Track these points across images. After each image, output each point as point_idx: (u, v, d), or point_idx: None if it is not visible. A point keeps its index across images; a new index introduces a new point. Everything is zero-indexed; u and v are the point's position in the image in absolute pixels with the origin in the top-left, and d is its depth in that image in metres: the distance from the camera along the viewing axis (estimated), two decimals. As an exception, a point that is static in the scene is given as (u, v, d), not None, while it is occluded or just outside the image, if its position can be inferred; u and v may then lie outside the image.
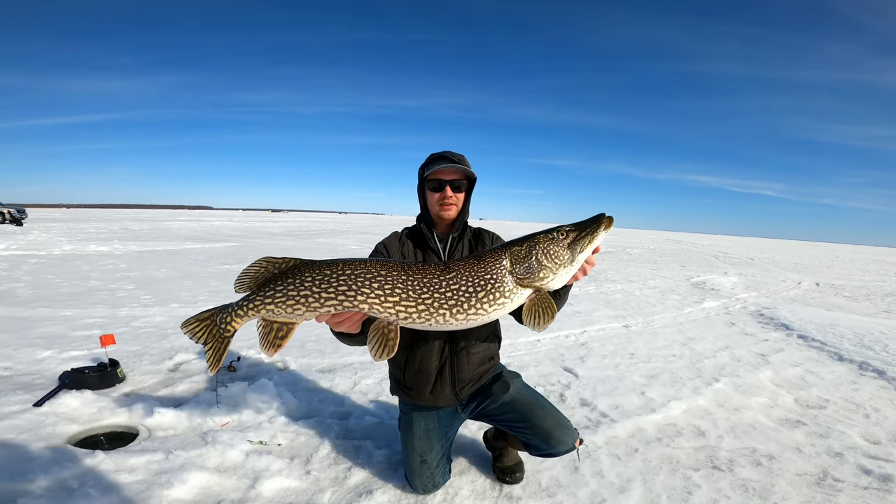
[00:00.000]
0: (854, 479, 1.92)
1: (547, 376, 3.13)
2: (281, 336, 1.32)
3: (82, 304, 4.90)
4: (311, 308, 1.28)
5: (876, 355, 3.68)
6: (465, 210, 1.74)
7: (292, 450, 2.02)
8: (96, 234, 14.69)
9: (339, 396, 2.68)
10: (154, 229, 18.44)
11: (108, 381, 2.58)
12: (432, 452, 1.71)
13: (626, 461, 2.01)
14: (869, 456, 2.10)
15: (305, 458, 1.95)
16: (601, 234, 1.31)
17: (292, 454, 1.98)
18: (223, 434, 2.05)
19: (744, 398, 2.76)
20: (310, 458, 1.96)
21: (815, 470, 1.98)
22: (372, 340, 1.30)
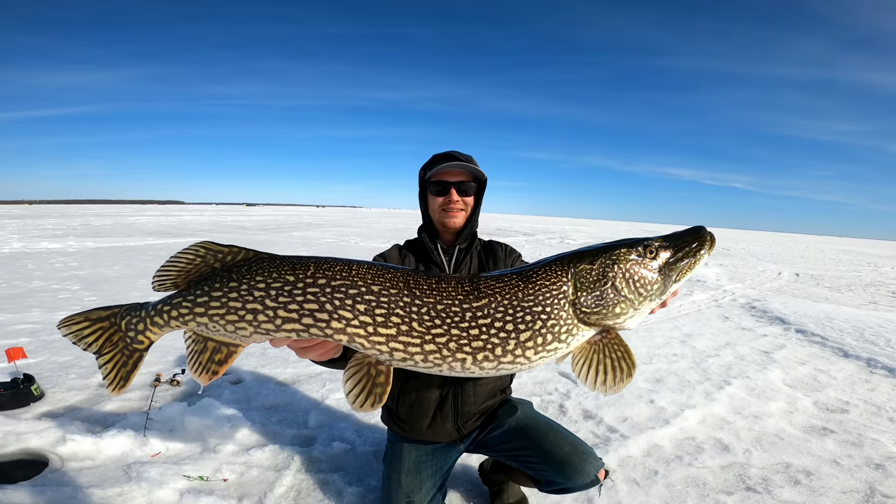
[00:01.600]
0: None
1: (543, 384, 2.79)
2: (218, 360, 0.89)
3: (16, 307, 4.32)
4: (261, 330, 0.86)
5: (881, 351, 3.55)
6: (474, 217, 1.44)
7: (241, 487, 1.62)
8: (52, 230, 13.63)
9: (303, 415, 2.24)
10: (116, 225, 17.33)
11: (21, 400, 2.13)
12: (421, 491, 1.36)
13: (646, 488, 1.70)
14: None
15: (258, 498, 1.56)
16: (704, 258, 0.91)
17: (241, 493, 1.58)
18: (152, 467, 1.63)
19: (761, 404, 2.51)
20: (263, 497, 1.56)
21: (861, 486, 1.74)
22: (351, 381, 0.87)
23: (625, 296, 0.85)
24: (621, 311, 0.85)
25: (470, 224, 1.43)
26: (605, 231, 28.25)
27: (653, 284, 0.86)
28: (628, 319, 0.87)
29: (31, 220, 18.55)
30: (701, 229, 0.92)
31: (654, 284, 0.87)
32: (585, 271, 0.87)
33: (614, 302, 0.85)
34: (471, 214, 1.43)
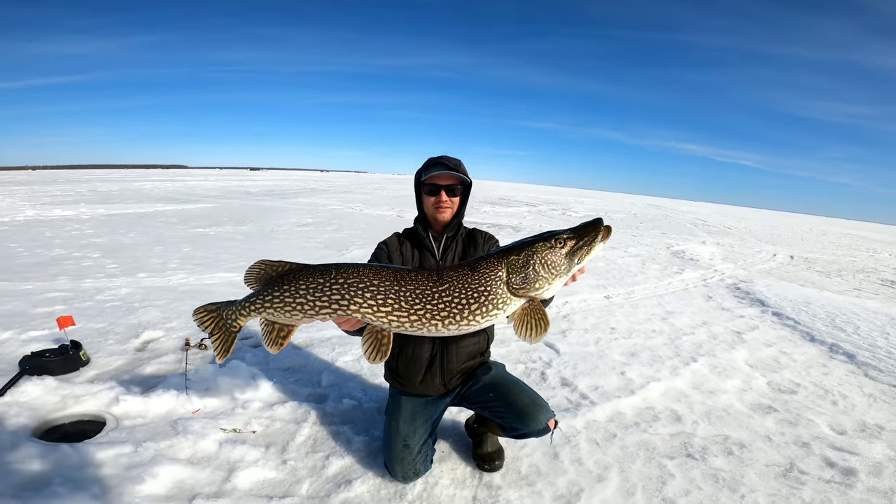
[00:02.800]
0: (818, 472, 1.96)
1: (528, 352, 3.13)
2: (282, 336, 1.39)
3: (43, 275, 4.63)
4: (308, 314, 1.33)
5: (847, 337, 3.79)
6: (460, 212, 1.77)
7: (268, 437, 1.97)
8: (62, 196, 13.83)
9: (316, 376, 2.62)
10: (124, 190, 17.50)
11: (70, 366, 2.44)
12: (415, 436, 1.70)
13: (604, 447, 2.04)
14: (834, 447, 2.15)
15: (282, 447, 1.91)
16: (599, 245, 1.26)
17: (268, 442, 1.93)
18: (195, 422, 1.97)
19: (719, 380, 2.82)
20: (286, 446, 1.91)
21: (783, 461, 2.03)
22: (365, 344, 1.33)
23: (542, 275, 1.26)
24: (540, 286, 1.27)
25: (456, 218, 1.77)
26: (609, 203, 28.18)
27: (560, 266, 1.26)
28: (545, 291, 1.29)
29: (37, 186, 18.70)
30: (598, 222, 1.29)
31: (562, 266, 1.26)
32: (514, 261, 1.28)
33: (534, 280, 1.26)
34: (457, 211, 1.77)
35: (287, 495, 1.65)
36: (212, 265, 5.38)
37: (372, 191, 25.84)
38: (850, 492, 1.84)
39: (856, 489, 1.86)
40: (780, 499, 1.77)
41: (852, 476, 1.94)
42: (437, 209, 1.71)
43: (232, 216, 10.61)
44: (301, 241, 7.59)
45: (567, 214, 16.28)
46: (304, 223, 10.10)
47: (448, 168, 1.66)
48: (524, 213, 15.54)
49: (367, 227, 9.90)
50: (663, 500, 1.73)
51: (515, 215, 14.67)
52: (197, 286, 4.46)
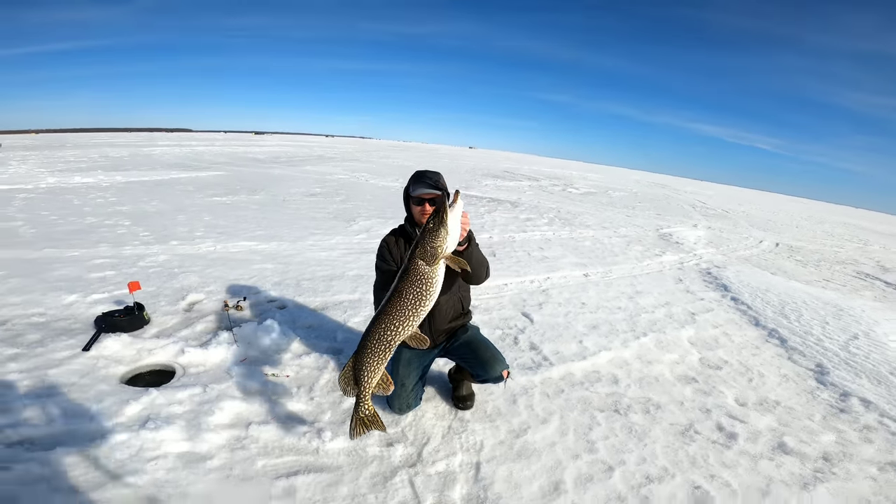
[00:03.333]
0: (708, 434, 2.46)
1: (507, 320, 3.77)
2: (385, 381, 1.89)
3: (85, 243, 5.21)
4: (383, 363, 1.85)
5: (788, 324, 4.31)
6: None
7: (298, 380, 2.62)
8: (76, 163, 14.24)
9: (332, 333, 3.26)
10: (134, 156, 17.88)
11: (137, 324, 3.06)
12: (410, 378, 2.32)
13: (552, 399, 2.67)
14: (730, 416, 2.64)
15: (309, 387, 2.55)
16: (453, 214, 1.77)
17: (299, 384, 2.58)
18: (243, 368, 2.62)
19: (660, 354, 3.42)
20: (312, 386, 2.56)
21: (685, 422, 2.58)
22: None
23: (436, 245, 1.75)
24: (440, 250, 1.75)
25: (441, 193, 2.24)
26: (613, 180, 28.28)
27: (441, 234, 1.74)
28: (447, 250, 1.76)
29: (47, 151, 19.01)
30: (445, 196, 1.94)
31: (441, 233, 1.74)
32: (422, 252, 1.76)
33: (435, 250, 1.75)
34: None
35: (315, 422, 2.29)
36: (233, 234, 5.98)
37: (377, 159, 26.03)
38: (725, 452, 2.33)
39: (731, 450, 2.34)
40: (671, 450, 2.31)
41: (732, 440, 2.42)
42: (422, 216, 2.17)
43: (244, 185, 11.11)
44: (311, 212, 8.13)
45: (567, 191, 16.59)
46: (312, 193, 10.61)
47: (429, 184, 2.15)
48: (525, 188, 15.88)
49: (374, 198, 10.38)
50: (588, 441, 2.34)
51: (516, 190, 15.03)
52: (224, 254, 5.08)
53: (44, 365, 2.58)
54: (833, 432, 2.61)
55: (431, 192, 2.15)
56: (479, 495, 1.95)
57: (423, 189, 2.14)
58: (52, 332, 3.00)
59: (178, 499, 1.80)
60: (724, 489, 2.08)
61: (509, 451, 2.22)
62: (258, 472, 1.98)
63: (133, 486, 1.83)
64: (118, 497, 1.78)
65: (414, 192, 2.17)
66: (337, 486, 1.93)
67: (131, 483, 1.84)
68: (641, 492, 2.03)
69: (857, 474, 2.27)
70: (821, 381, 3.25)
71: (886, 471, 2.32)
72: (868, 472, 2.30)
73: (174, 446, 2.06)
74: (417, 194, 2.15)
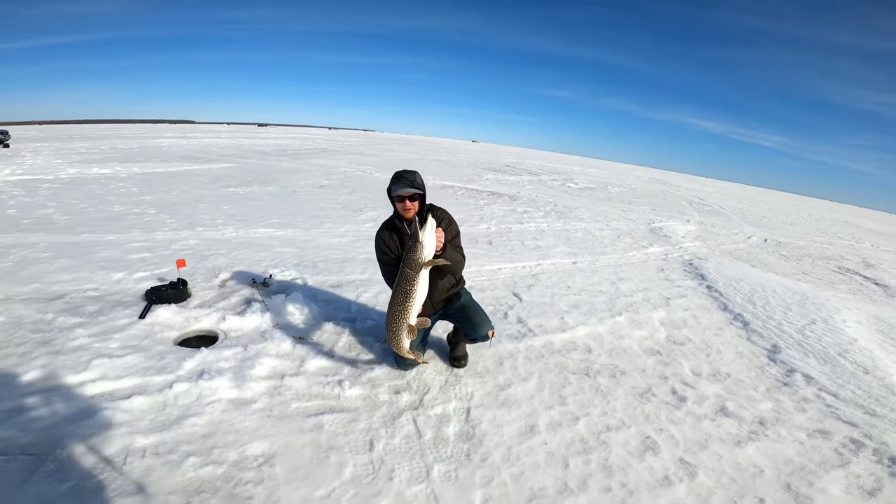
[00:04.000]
0: (662, 396, 2.88)
1: (499, 298, 4.28)
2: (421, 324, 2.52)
3: (118, 228, 5.73)
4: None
5: (753, 310, 4.75)
6: (421, 209, 2.64)
7: (322, 342, 3.13)
8: (89, 154, 14.74)
9: (347, 305, 3.79)
10: (144, 148, 18.40)
11: (182, 297, 3.57)
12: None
13: (533, 362, 3.18)
14: (684, 383, 3.05)
15: (331, 348, 3.07)
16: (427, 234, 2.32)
17: (322, 345, 3.09)
18: (276, 333, 3.13)
19: (631, 330, 3.91)
20: (333, 347, 3.07)
21: (644, 386, 2.99)
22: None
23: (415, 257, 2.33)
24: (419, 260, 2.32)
25: (420, 213, 2.62)
26: (612, 176, 28.62)
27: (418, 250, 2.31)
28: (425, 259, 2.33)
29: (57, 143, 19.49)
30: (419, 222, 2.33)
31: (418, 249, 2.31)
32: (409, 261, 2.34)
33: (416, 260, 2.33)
34: (419, 209, 2.61)
35: (336, 374, 2.81)
36: (252, 221, 6.50)
37: (381, 152, 26.46)
38: (675, 412, 2.73)
39: (680, 411, 2.75)
40: (630, 407, 2.73)
41: (683, 402, 2.84)
42: (404, 210, 2.53)
43: (255, 177, 11.60)
44: (321, 202, 8.63)
45: (566, 186, 17.02)
46: (320, 185, 11.11)
47: (406, 184, 2.47)
48: (524, 183, 16.31)
49: (378, 190, 10.85)
50: (560, 396, 2.83)
51: (515, 184, 15.47)
52: (246, 239, 5.61)
53: (108, 331, 3.08)
54: (772, 401, 2.97)
55: (409, 191, 2.54)
56: (468, 432, 2.45)
57: (402, 189, 2.53)
58: (107, 304, 3.51)
59: (231, 433, 2.29)
60: (669, 440, 2.51)
61: (495, 400, 2.73)
62: (293, 412, 2.48)
63: (196, 425, 2.31)
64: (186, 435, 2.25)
65: (395, 192, 2.56)
66: (355, 423, 2.44)
67: (195, 423, 2.32)
68: (601, 437, 2.50)
69: (786, 437, 2.60)
70: (772, 358, 3.68)
71: (814, 437, 2.63)
72: (796, 436, 2.62)
73: (226, 393, 2.56)
74: (397, 194, 2.55)
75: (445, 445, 2.34)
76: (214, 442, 2.20)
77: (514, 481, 2.13)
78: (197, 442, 2.18)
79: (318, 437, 2.31)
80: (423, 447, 2.31)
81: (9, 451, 2.01)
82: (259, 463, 2.10)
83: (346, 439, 2.31)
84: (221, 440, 2.21)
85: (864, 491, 2.25)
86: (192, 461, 2.06)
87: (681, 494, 2.13)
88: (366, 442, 2.31)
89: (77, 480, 1.90)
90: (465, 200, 10.14)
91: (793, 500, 2.14)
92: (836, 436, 2.68)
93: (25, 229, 5.53)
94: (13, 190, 8.04)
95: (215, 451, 2.14)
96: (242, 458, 2.12)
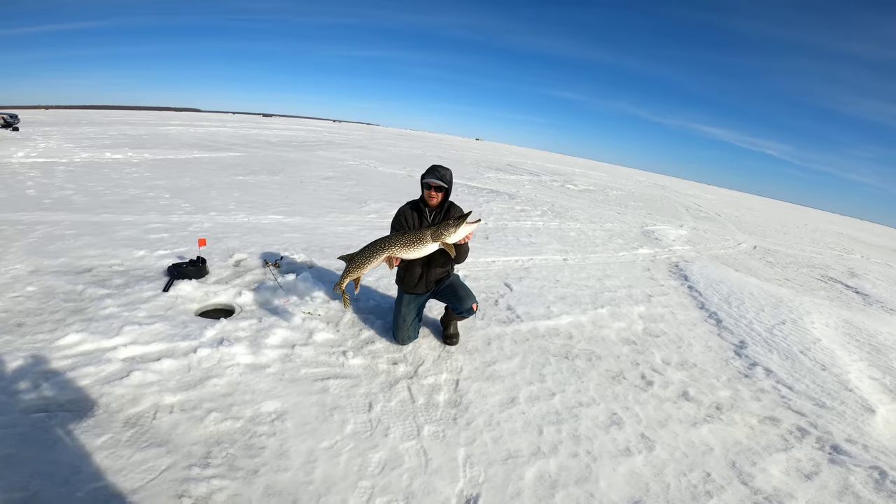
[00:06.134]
0: (632, 380, 3.17)
1: (491, 287, 4.62)
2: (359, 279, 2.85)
3: (136, 210, 6.05)
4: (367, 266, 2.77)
5: (728, 309, 5.04)
6: (444, 200, 3.02)
7: (328, 318, 3.47)
8: (99, 139, 15.01)
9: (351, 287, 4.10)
10: (152, 135, 18.68)
11: (201, 274, 3.90)
12: (410, 316, 3.16)
13: (518, 344, 3.52)
14: (653, 369, 3.35)
15: (336, 323, 3.41)
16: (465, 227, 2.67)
17: (329, 320, 3.44)
18: (287, 308, 3.47)
19: (611, 321, 4.24)
20: (338, 322, 3.42)
21: (617, 370, 3.29)
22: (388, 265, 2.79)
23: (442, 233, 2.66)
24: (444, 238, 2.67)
25: (442, 204, 3.03)
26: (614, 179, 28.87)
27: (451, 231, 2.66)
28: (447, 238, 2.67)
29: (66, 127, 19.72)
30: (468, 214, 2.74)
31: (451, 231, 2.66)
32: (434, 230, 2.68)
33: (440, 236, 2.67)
34: (442, 200, 3.01)
35: (340, 346, 3.15)
36: (263, 208, 6.85)
37: (385, 147, 26.73)
38: (642, 394, 3.02)
39: (646, 393, 3.04)
40: (601, 388, 3.02)
41: (650, 385, 3.13)
42: (428, 198, 2.92)
43: (263, 167, 11.92)
44: (327, 193, 8.96)
45: (566, 187, 17.29)
46: (326, 176, 11.43)
47: (437, 175, 2.87)
48: (524, 182, 16.58)
49: (381, 184, 11.18)
50: (540, 374, 3.16)
51: (515, 184, 15.74)
52: (257, 224, 5.95)
53: (135, 301, 3.41)
54: (731, 390, 3.22)
55: (436, 182, 2.93)
56: (456, 400, 2.79)
57: (431, 178, 2.92)
58: (132, 278, 3.85)
59: (248, 393, 2.60)
60: (633, 418, 2.75)
61: (481, 374, 3.07)
62: (302, 376, 2.82)
63: (217, 385, 2.62)
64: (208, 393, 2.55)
65: (425, 179, 2.95)
66: (357, 388, 2.78)
67: (216, 383, 2.63)
68: (573, 411, 2.82)
69: (738, 422, 2.84)
70: (738, 353, 3.98)
71: (765, 423, 2.86)
72: (748, 422, 2.86)
73: (243, 359, 2.88)
74: (427, 181, 2.94)
75: (435, 410, 2.67)
76: (233, 400, 2.51)
77: (493, 443, 2.45)
78: (218, 400, 2.48)
79: (324, 398, 2.64)
80: (415, 410, 2.64)
81: (50, 407, 2.22)
82: (272, 419, 2.40)
83: (348, 401, 2.64)
84: (239, 398, 2.52)
85: (802, 474, 2.46)
86: (214, 416, 2.33)
87: (638, 464, 2.42)
88: (365, 404, 2.64)
89: (113, 433, 2.11)
90: (465, 197, 10.46)
91: (736, 476, 2.40)
92: (784, 423, 2.91)
93: (46, 208, 5.84)
94: (29, 172, 8.34)
95: (234, 407, 2.45)
96: (257, 415, 2.42)
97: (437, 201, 2.99)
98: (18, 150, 10.96)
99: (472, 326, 3.67)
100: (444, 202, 3.03)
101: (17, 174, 8.03)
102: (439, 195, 2.97)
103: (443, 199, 3.01)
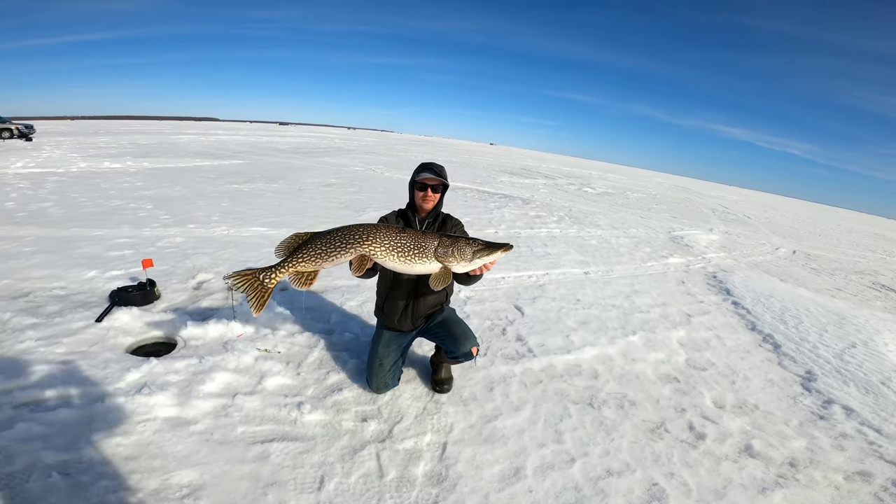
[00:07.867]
0: (678, 433, 2.49)
1: (498, 311, 3.87)
2: (310, 279, 1.96)
3: (108, 223, 5.55)
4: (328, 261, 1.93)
5: (785, 330, 4.24)
6: (439, 204, 2.42)
7: (289, 356, 2.78)
8: (107, 149, 14.95)
9: (327, 315, 3.42)
10: (162, 144, 18.63)
11: (148, 299, 3.28)
12: (388, 358, 2.46)
13: (529, 389, 2.76)
14: (703, 416, 2.66)
15: (298, 363, 2.71)
16: (497, 254, 1.95)
17: (289, 360, 2.74)
18: (239, 343, 2.80)
19: (645, 353, 3.44)
20: (301, 363, 2.72)
21: (657, 419, 2.59)
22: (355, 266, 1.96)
23: (454, 255, 1.91)
24: (451, 261, 1.92)
25: (436, 208, 2.42)
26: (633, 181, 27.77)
27: (467, 256, 1.91)
28: (454, 266, 1.93)
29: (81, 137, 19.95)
30: (503, 245, 1.96)
31: (468, 256, 1.91)
32: (444, 241, 1.92)
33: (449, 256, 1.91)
34: (437, 203, 2.41)
35: (297, 395, 2.45)
36: (247, 220, 6.25)
37: (396, 153, 26.27)
38: (691, 451, 2.35)
39: (697, 450, 2.37)
40: (637, 446, 2.35)
41: (701, 440, 2.44)
42: (423, 200, 2.35)
43: (263, 174, 11.46)
44: (324, 201, 8.37)
45: (583, 190, 16.44)
46: (327, 183, 10.87)
47: (434, 173, 2.31)
48: (539, 186, 15.81)
49: (386, 190, 10.57)
50: (556, 431, 2.42)
51: (530, 188, 14.98)
52: (236, 238, 5.34)
53: (59, 334, 2.79)
54: (806, 438, 2.59)
55: (434, 180, 2.32)
56: (440, 473, 2.06)
57: (427, 175, 2.30)
58: (70, 304, 3.25)
59: (159, 458, 1.96)
60: (681, 488, 2.11)
61: (478, 435, 2.33)
62: (237, 437, 2.13)
63: (120, 445, 2.00)
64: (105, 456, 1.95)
65: (418, 177, 2.33)
66: (308, 454, 2.08)
67: (120, 443, 2.01)
68: (599, 484, 2.09)
69: (820, 482, 2.25)
70: (807, 387, 3.22)
71: (853, 480, 2.29)
72: (832, 479, 2.28)
73: (163, 411, 2.23)
74: (421, 179, 2.31)
75: (410, 489, 1.96)
76: (136, 466, 1.90)
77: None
78: (115, 464, 1.90)
79: (260, 468, 1.97)
80: (382, 489, 1.94)
81: None
82: (182, 495, 1.80)
83: (292, 474, 1.96)
84: (145, 465, 1.92)
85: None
86: (103, 485, 1.79)
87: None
88: (315, 478, 1.95)
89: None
90: (475, 203, 9.71)
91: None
92: (877, 478, 2.32)
93: (17, 222, 5.41)
94: (20, 183, 8.04)
95: (133, 476, 1.85)
96: (164, 488, 1.82)
97: (434, 203, 2.41)
98: (18, 160, 10.81)
99: (471, 366, 2.94)
100: (438, 208, 2.45)
101: (5, 186, 7.72)
102: (436, 196, 2.40)
103: (438, 202, 2.44)
